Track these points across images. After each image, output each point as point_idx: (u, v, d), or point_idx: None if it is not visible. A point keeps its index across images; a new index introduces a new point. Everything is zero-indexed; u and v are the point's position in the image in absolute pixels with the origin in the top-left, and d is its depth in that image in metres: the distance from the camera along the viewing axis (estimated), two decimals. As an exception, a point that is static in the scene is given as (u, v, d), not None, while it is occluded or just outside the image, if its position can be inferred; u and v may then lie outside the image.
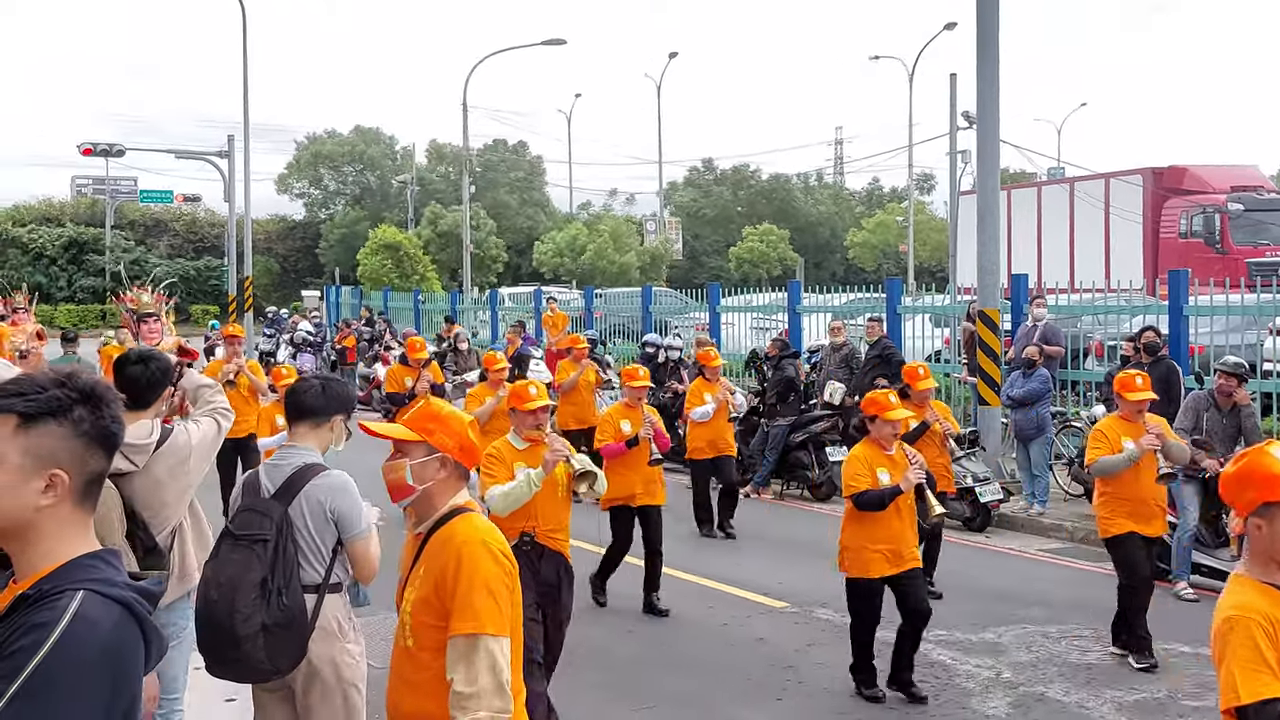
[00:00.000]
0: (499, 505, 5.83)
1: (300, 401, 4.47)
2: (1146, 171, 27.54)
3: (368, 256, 42.61)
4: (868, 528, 6.68)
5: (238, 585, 4.10)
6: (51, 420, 2.12)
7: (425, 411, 3.43)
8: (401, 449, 3.37)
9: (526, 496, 5.86)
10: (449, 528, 3.30)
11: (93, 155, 30.65)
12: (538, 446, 6.11)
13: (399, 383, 11.68)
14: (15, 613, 2.03)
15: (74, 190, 64.38)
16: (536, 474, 5.90)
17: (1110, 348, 14.75)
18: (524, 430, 6.20)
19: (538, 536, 6.01)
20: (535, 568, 5.91)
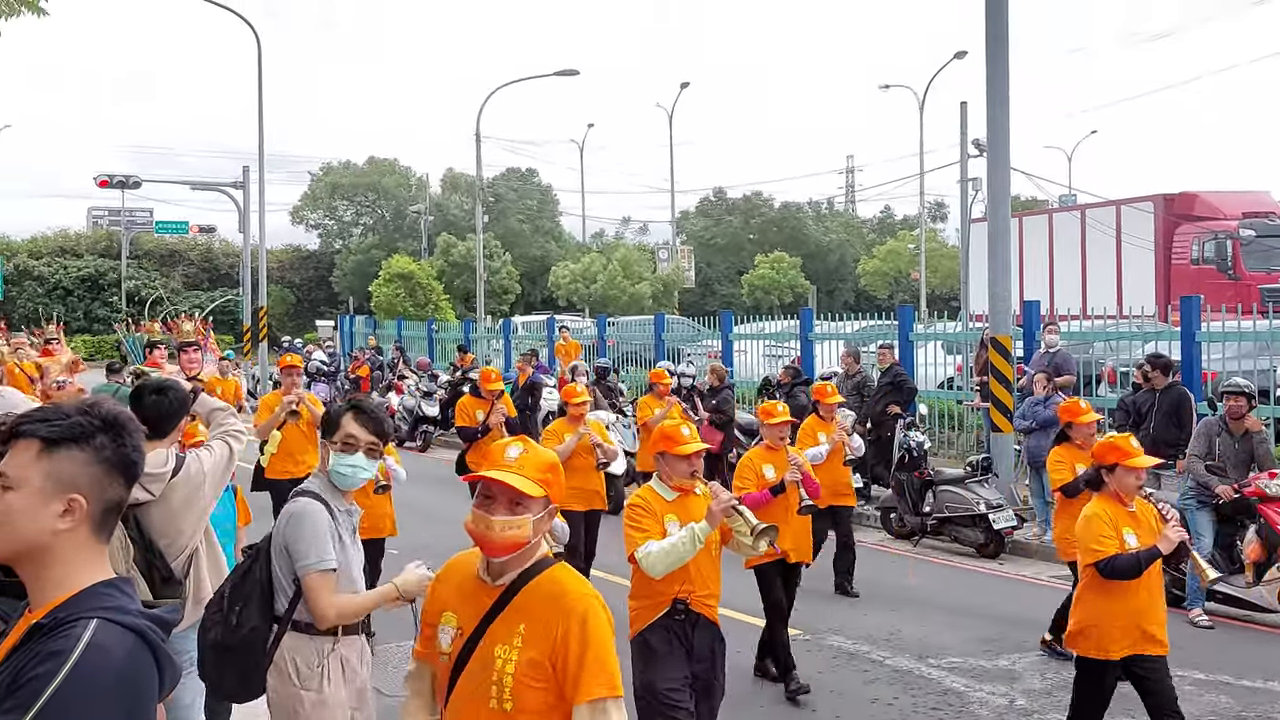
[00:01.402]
0: (658, 566, 5.04)
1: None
2: (1158, 198, 27.52)
3: (381, 286, 42.78)
4: (1113, 600, 5.56)
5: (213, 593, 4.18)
6: (74, 446, 2.16)
7: (544, 461, 3.09)
8: (523, 502, 3.00)
9: (689, 556, 5.02)
10: (551, 581, 3.03)
11: (109, 187, 30.86)
12: (688, 496, 5.30)
13: (470, 416, 10.90)
14: (30, 641, 2.06)
15: (90, 222, 64.84)
16: (701, 528, 5.01)
17: (1122, 374, 14.74)
18: (676, 478, 5.30)
19: (692, 603, 5.20)
20: (688, 639, 5.22)
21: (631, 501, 5.22)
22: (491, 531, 2.99)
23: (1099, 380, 15.20)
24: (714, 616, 5.32)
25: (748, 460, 7.56)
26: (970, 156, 30.60)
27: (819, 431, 9.85)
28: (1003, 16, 13.00)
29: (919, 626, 8.84)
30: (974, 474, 11.88)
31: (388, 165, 64.45)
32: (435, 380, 22.80)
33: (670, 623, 5.17)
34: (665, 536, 5.09)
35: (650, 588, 5.14)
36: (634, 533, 5.16)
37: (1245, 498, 9.09)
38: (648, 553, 5.04)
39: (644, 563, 5.03)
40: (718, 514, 5.06)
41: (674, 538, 5.05)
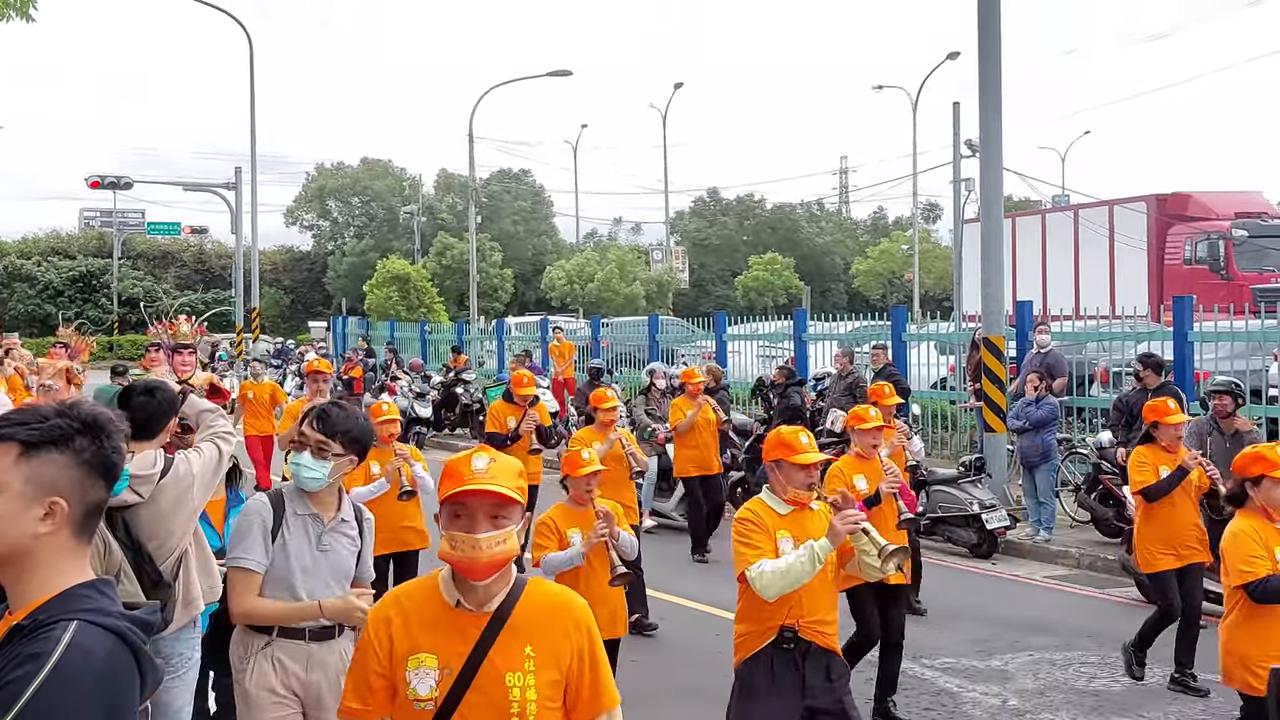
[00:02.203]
0: (772, 587, 4.49)
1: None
2: (1150, 198, 27.58)
3: (375, 288, 42.76)
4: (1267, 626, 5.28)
5: None
6: (53, 449, 2.14)
7: (514, 467, 2.86)
8: (503, 514, 2.78)
9: (807, 577, 4.51)
10: (544, 594, 2.89)
11: (100, 188, 30.87)
12: (803, 511, 4.77)
13: (500, 422, 10.32)
14: (10, 643, 2.04)
15: (82, 223, 64.73)
16: (821, 547, 4.47)
17: (1115, 374, 14.75)
18: (791, 489, 4.74)
19: (801, 630, 4.67)
20: (798, 670, 4.69)
21: (740, 515, 4.75)
22: (478, 552, 2.72)
23: (1091, 380, 15.21)
24: (830, 644, 4.77)
25: (837, 471, 6.95)
26: (963, 157, 30.64)
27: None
28: (995, 18, 13.01)
29: (912, 627, 8.77)
30: (967, 474, 11.88)
31: (381, 166, 64.45)
32: (428, 382, 22.77)
33: (777, 652, 4.68)
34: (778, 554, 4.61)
35: (758, 612, 4.67)
36: (745, 549, 4.63)
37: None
38: (761, 572, 4.52)
39: (756, 583, 4.51)
40: (842, 531, 4.48)
41: (790, 557, 4.53)
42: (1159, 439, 7.31)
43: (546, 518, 5.96)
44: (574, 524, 5.91)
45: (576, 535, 5.83)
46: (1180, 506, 7.18)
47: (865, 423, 7.02)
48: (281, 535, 4.10)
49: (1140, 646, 7.43)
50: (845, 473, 6.89)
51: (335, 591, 4.16)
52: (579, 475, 5.92)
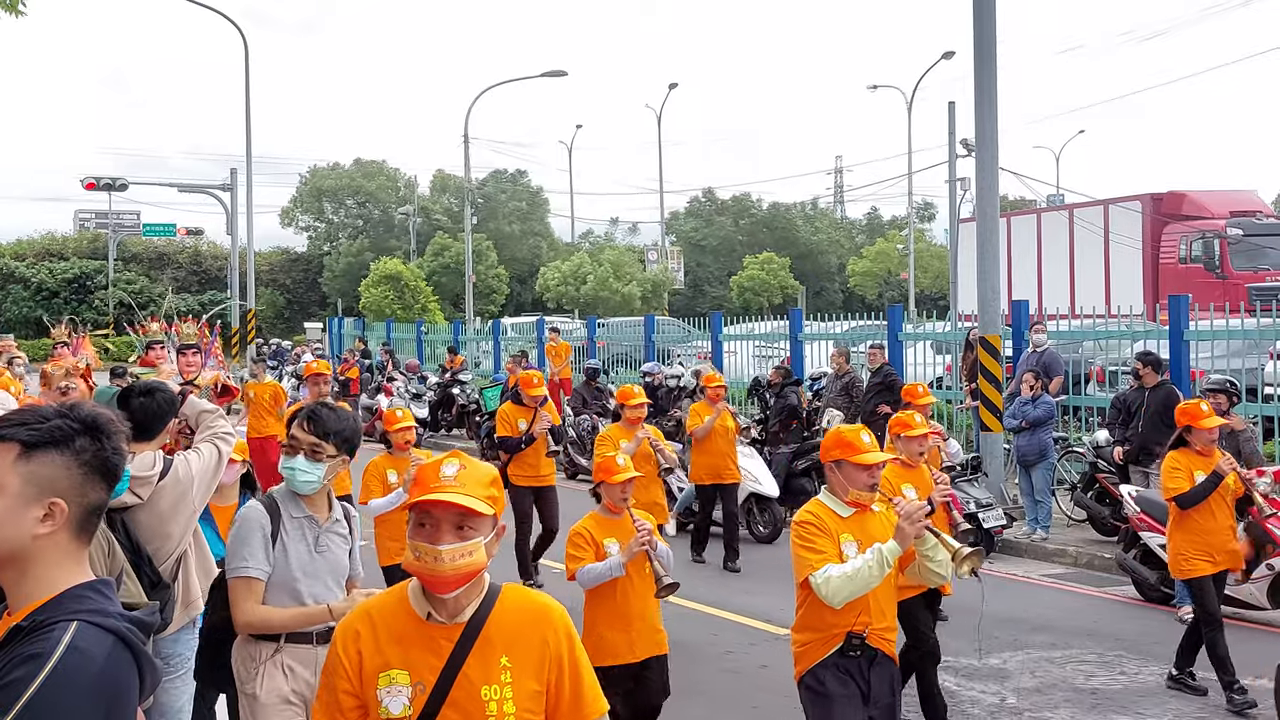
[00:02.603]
0: (840, 593, 4.32)
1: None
2: (1145, 198, 27.60)
3: (370, 288, 42.74)
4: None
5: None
6: (53, 449, 2.14)
7: (486, 475, 2.72)
8: (469, 524, 2.63)
9: (875, 582, 4.32)
10: (519, 602, 2.75)
11: (96, 189, 30.82)
12: (865, 512, 4.57)
13: (511, 424, 9.92)
14: (9, 644, 2.04)
15: (77, 224, 64.64)
16: (890, 550, 4.31)
17: (1111, 373, 14.77)
18: (854, 490, 4.53)
19: (869, 638, 4.47)
20: (864, 679, 4.49)
21: (801, 518, 4.54)
22: (440, 564, 2.58)
23: (1088, 379, 15.23)
24: (892, 652, 4.60)
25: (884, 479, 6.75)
26: (959, 156, 30.66)
27: None
28: (990, 17, 13.02)
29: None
30: (964, 473, 11.88)
31: (376, 167, 64.38)
32: (425, 382, 22.76)
33: (843, 660, 4.47)
34: (842, 558, 4.41)
35: (821, 619, 4.45)
36: (807, 554, 4.42)
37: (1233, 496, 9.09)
38: (827, 578, 4.31)
39: (822, 589, 4.32)
40: (910, 533, 4.31)
41: (858, 561, 4.33)
42: (1192, 443, 7.09)
43: (581, 528, 5.64)
44: (610, 533, 5.61)
45: (614, 545, 5.55)
46: (1217, 513, 7.04)
47: (912, 429, 6.69)
48: (280, 540, 4.06)
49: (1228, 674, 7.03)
50: (892, 481, 6.55)
51: (336, 593, 4.14)
52: (614, 482, 5.62)
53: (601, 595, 5.53)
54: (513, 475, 9.78)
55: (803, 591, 4.48)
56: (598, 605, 5.55)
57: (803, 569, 4.42)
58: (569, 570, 5.57)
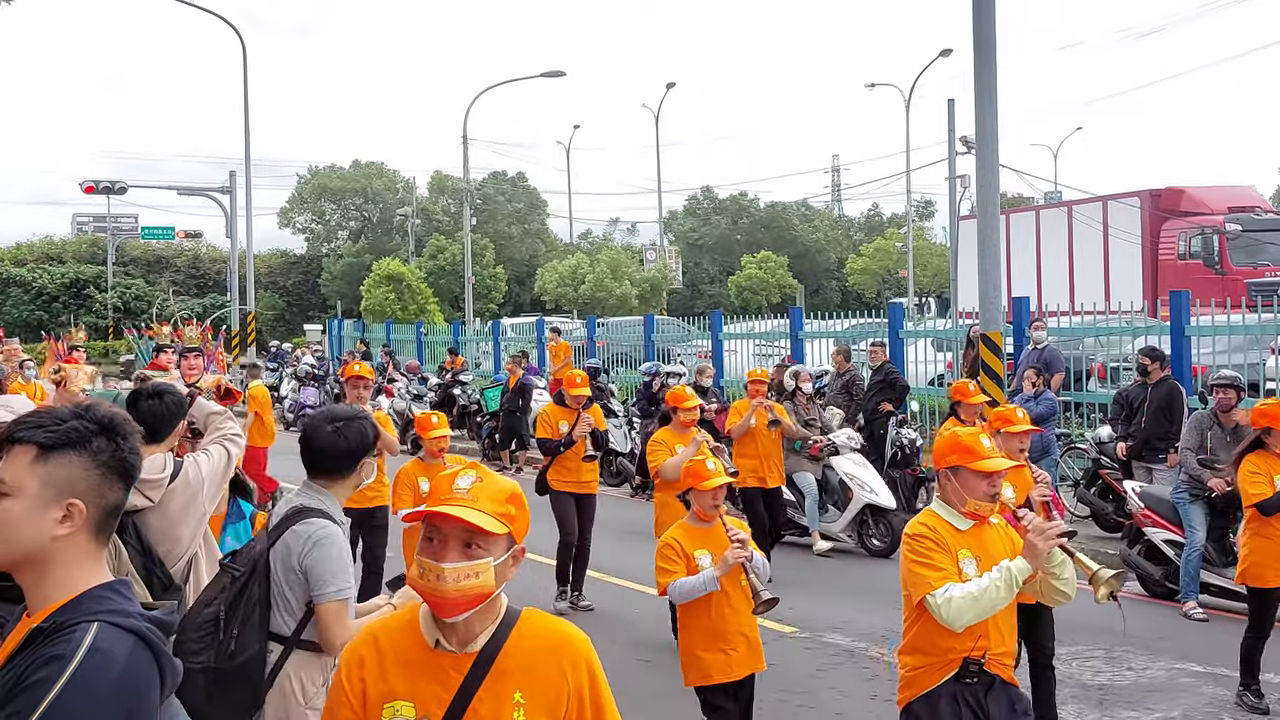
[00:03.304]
0: (964, 615, 3.95)
1: (314, 462, 4.16)
2: (1144, 194, 27.63)
3: (370, 289, 42.74)
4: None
5: (194, 615, 3.87)
6: (70, 450, 2.15)
7: (503, 490, 2.50)
8: (479, 543, 2.43)
9: (1003, 604, 3.97)
10: (539, 631, 2.54)
11: (95, 193, 30.85)
12: (983, 526, 4.18)
13: (552, 426, 9.39)
14: (31, 645, 2.05)
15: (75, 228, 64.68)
16: (1019, 568, 3.95)
17: (1113, 369, 14.78)
18: (973, 501, 4.14)
19: (988, 663, 4.12)
20: (981, 707, 4.14)
21: (915, 530, 4.17)
22: (443, 583, 2.38)
23: (1089, 375, 15.24)
24: (1011, 677, 4.23)
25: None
26: (958, 154, 30.67)
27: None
28: (990, 14, 13.01)
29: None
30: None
31: (375, 168, 64.40)
32: (425, 383, 22.75)
33: (959, 687, 4.11)
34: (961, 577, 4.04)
35: (934, 643, 4.09)
36: (925, 571, 4.04)
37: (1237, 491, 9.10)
38: (949, 598, 3.95)
39: (943, 612, 3.95)
40: (1044, 550, 3.92)
41: (983, 581, 3.97)
42: (1272, 446, 6.77)
43: (670, 538, 5.25)
44: (701, 545, 5.22)
45: (706, 557, 5.17)
46: None
47: (1012, 424, 6.22)
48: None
49: (1251, 677, 6.91)
50: None
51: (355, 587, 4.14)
52: (706, 488, 5.20)
53: (695, 611, 5.20)
54: (553, 480, 9.40)
55: (915, 611, 4.14)
56: (692, 622, 5.23)
57: (919, 588, 4.05)
58: (660, 585, 5.24)
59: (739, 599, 5.19)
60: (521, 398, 18.52)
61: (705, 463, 5.31)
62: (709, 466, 5.27)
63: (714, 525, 5.27)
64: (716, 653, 5.19)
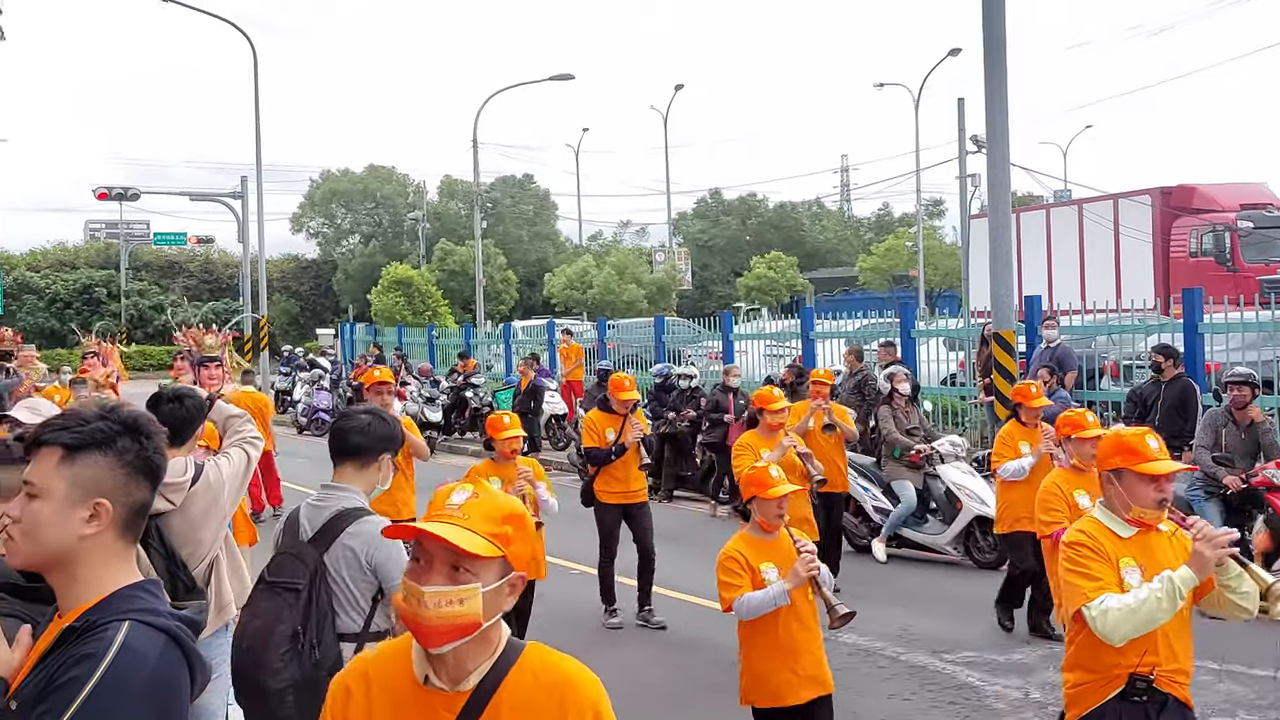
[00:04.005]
0: (1122, 628, 3.71)
1: (346, 440, 4.20)
2: (1155, 191, 27.56)
3: (381, 294, 42.82)
4: None
5: (268, 637, 3.87)
6: (96, 451, 2.18)
7: (500, 509, 2.26)
8: (466, 566, 2.18)
9: (1164, 617, 3.72)
10: (540, 668, 2.28)
11: (108, 199, 30.96)
12: (1149, 533, 3.93)
13: (599, 434, 8.84)
14: (63, 645, 2.08)
15: (87, 234, 64.91)
16: (1184, 579, 3.70)
17: (1125, 367, 14.75)
18: (1138, 507, 3.90)
19: (1157, 681, 3.86)
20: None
21: (1073, 538, 3.92)
22: (422, 608, 2.15)
23: (1101, 374, 15.21)
24: (1185, 696, 3.95)
25: (1054, 487, 6.05)
26: (969, 153, 30.62)
27: (1020, 441, 8.23)
28: (1000, 12, 13.00)
29: (932, 623, 8.86)
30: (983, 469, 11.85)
31: (385, 173, 64.53)
32: (437, 386, 22.79)
33: (1126, 705, 3.87)
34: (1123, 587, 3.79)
35: (1098, 658, 3.85)
36: (1081, 581, 3.80)
37: (1253, 488, 9.11)
38: (1105, 610, 3.70)
39: (1098, 624, 3.72)
40: (1211, 559, 3.67)
41: (1142, 592, 3.72)
42: None
43: (733, 551, 4.95)
44: (766, 556, 4.93)
45: (772, 571, 4.89)
46: None
47: (1084, 429, 6.01)
48: None
49: None
50: (1064, 489, 6.01)
51: None
52: (770, 497, 4.91)
53: (761, 629, 4.89)
54: (599, 491, 8.88)
55: (1076, 625, 3.90)
56: (756, 639, 4.92)
57: (1075, 599, 3.81)
58: (723, 600, 4.93)
59: (807, 614, 4.94)
60: (533, 400, 18.56)
61: (769, 469, 5.04)
62: (773, 474, 5.00)
63: (779, 536, 5.00)
64: (786, 672, 4.90)
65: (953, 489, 11.04)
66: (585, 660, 2.37)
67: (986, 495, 10.90)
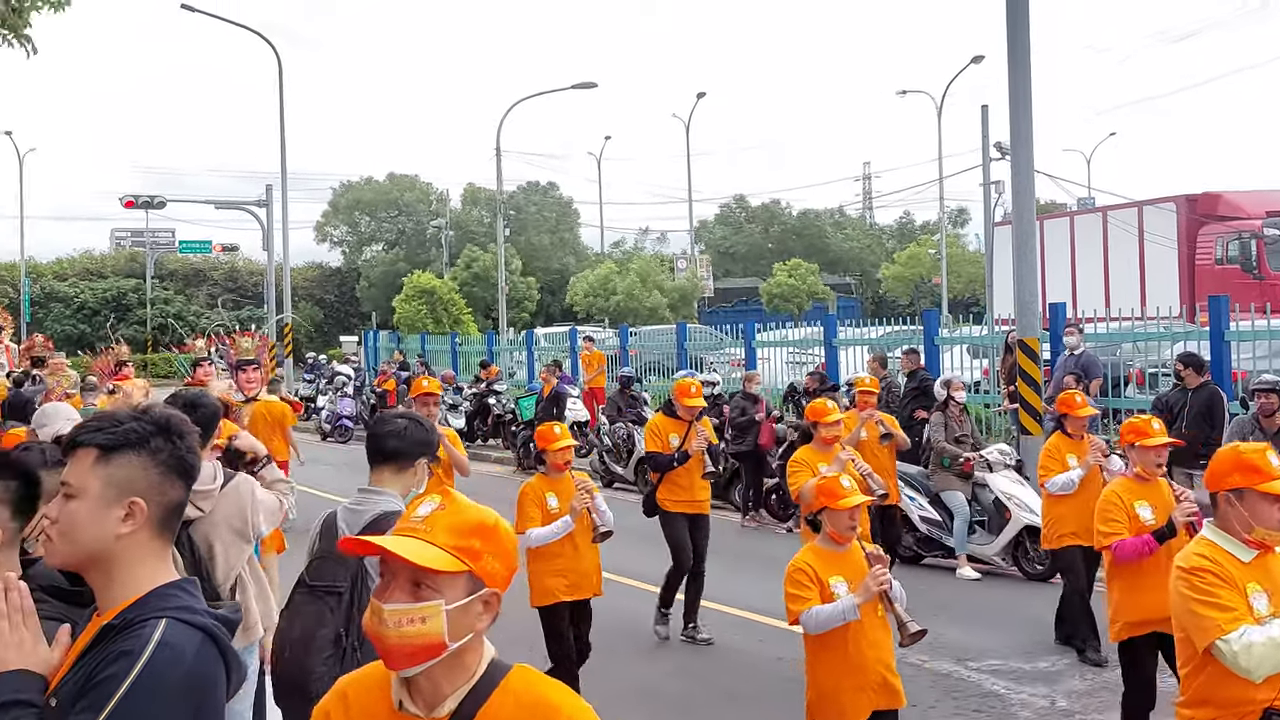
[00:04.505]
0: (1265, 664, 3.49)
1: (383, 444, 4.18)
2: (1180, 199, 27.41)
3: (404, 303, 42.99)
4: None
5: (310, 642, 3.83)
6: (130, 451, 2.21)
7: (466, 522, 2.11)
8: (427, 582, 2.05)
9: None
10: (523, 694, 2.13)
11: (134, 208, 31.24)
12: (1269, 555, 3.72)
13: (662, 440, 8.55)
14: (101, 642, 2.11)
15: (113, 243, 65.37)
16: None
17: (1151, 375, 14.67)
18: (1261, 528, 3.67)
19: None
20: None
21: (1193, 563, 3.66)
22: (383, 626, 2.03)
23: (1127, 381, 15.13)
24: None
25: (1114, 496, 5.75)
26: (992, 160, 30.53)
27: (1067, 453, 7.91)
28: (1024, 18, 12.98)
29: (957, 631, 8.81)
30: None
31: (408, 181, 64.81)
32: (460, 393, 22.87)
33: None
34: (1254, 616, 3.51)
35: (1228, 693, 3.58)
36: (1211, 612, 3.53)
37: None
38: (1247, 644, 3.44)
39: (1241, 659, 3.46)
40: None
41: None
42: None
43: (801, 563, 4.78)
44: (836, 570, 4.76)
45: (842, 585, 4.71)
46: None
47: (1149, 438, 5.76)
48: None
49: None
50: (1124, 498, 5.73)
51: None
52: (842, 508, 4.74)
53: (828, 644, 4.71)
54: (663, 500, 8.60)
55: (1199, 658, 3.64)
56: (822, 655, 4.76)
57: (1206, 631, 3.52)
58: (791, 613, 4.76)
59: (876, 630, 4.74)
60: (556, 406, 18.59)
61: (840, 479, 4.88)
62: (844, 484, 4.84)
63: (849, 549, 4.83)
64: (853, 690, 4.73)
65: (1001, 498, 10.84)
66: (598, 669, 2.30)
67: (1036, 504, 10.58)
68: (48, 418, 5.86)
